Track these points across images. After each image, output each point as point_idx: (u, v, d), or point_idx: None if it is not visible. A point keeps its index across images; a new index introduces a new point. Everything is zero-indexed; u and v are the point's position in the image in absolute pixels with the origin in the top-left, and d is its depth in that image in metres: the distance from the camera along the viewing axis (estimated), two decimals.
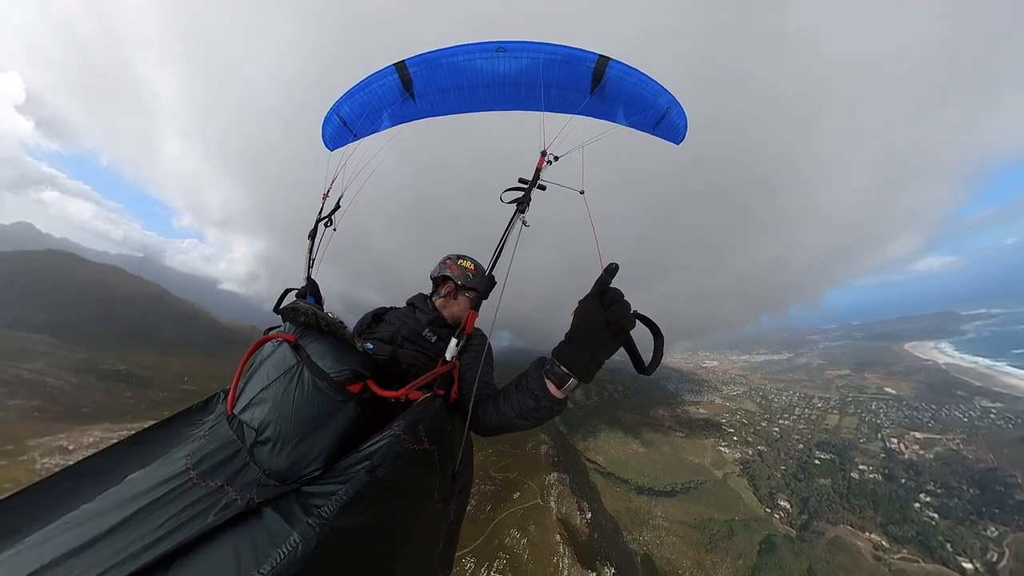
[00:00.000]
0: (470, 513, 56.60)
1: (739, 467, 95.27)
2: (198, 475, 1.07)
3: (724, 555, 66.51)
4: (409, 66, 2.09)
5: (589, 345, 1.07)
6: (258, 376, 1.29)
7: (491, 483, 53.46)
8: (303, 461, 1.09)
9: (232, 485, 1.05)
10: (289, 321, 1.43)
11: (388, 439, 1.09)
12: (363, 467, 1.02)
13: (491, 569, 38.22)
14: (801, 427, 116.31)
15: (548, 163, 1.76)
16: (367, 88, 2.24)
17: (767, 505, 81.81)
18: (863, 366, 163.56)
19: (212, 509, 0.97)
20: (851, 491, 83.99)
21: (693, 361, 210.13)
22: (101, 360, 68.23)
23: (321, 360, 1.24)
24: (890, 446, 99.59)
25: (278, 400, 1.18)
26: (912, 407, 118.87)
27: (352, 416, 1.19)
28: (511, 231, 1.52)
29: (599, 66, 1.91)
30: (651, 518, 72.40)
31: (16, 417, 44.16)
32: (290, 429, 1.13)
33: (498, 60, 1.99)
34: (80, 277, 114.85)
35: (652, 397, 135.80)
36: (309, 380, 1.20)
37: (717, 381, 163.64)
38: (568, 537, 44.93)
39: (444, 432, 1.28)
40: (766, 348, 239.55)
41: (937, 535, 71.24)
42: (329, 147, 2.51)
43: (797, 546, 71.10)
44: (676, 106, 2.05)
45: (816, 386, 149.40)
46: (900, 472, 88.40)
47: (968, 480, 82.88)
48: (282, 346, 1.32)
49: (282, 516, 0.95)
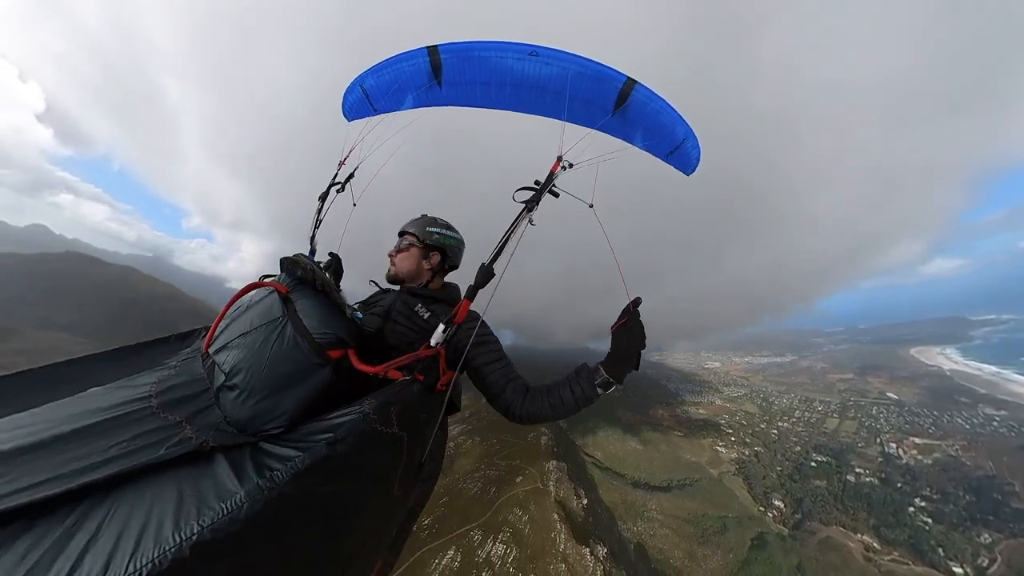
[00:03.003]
0: (477, 493, 59.66)
1: (735, 467, 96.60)
2: (159, 404, 1.04)
3: (715, 548, 68.41)
4: (441, 52, 2.08)
5: (626, 365, 1.41)
6: (241, 320, 1.28)
7: (495, 469, 56.79)
8: (266, 416, 1.07)
9: (191, 423, 1.01)
10: (286, 272, 1.43)
11: (356, 415, 1.05)
12: (325, 438, 0.98)
13: (496, 540, 42.23)
14: (800, 429, 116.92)
15: (563, 168, 1.79)
16: (395, 66, 2.22)
17: (761, 504, 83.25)
18: (867, 370, 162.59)
19: (165, 443, 0.93)
20: (846, 493, 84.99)
21: (695, 362, 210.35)
22: None
23: (307, 318, 1.23)
24: (888, 450, 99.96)
25: (254, 349, 1.16)
26: (914, 412, 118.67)
27: (325, 381, 1.16)
28: (516, 228, 1.54)
29: (626, 87, 1.95)
30: (646, 511, 74.45)
31: None
32: (260, 380, 1.11)
33: (528, 63, 2.02)
34: (98, 278, 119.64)
35: (652, 397, 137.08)
36: (291, 335, 1.18)
37: (718, 382, 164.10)
38: (565, 517, 47.94)
39: (418, 419, 1.26)
40: (769, 350, 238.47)
41: (929, 539, 72.13)
42: (348, 117, 2.50)
43: (788, 544, 72.58)
44: (692, 138, 2.10)
45: (818, 389, 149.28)
46: (896, 476, 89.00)
47: (965, 486, 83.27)
48: (271, 295, 1.30)
49: (232, 468, 0.91)
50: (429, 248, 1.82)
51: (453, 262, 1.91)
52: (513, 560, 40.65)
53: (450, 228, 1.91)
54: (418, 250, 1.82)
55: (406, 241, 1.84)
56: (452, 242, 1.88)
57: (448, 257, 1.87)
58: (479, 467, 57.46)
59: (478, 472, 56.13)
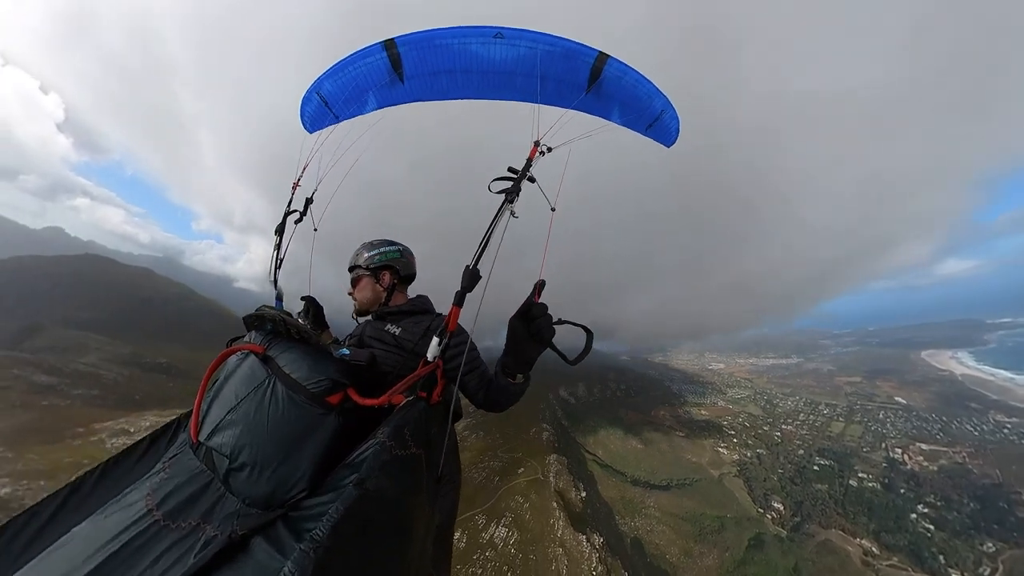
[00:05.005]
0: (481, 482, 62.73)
1: (736, 468, 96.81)
2: (164, 515, 0.96)
3: (712, 547, 69.16)
4: (399, 44, 1.95)
5: (519, 354, 1.34)
6: (224, 395, 1.19)
7: (499, 461, 59.37)
8: (287, 483, 1.01)
9: (208, 522, 0.94)
10: (255, 330, 1.36)
11: (375, 447, 1.01)
12: (352, 480, 0.92)
13: (499, 524, 45.18)
14: (803, 433, 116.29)
15: (541, 154, 1.71)
16: (352, 66, 2.06)
17: (760, 505, 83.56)
18: (875, 374, 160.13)
19: (191, 552, 0.86)
20: (847, 497, 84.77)
21: (699, 363, 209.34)
22: (144, 354, 74.93)
23: (295, 371, 1.16)
24: (893, 456, 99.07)
25: (250, 420, 1.09)
26: (921, 418, 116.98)
27: (334, 429, 1.11)
28: (498, 222, 1.43)
29: (598, 62, 1.86)
30: (644, 508, 75.38)
31: (81, 404, 49.49)
32: (268, 450, 1.04)
33: (495, 46, 1.90)
34: (115, 278, 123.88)
35: (655, 397, 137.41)
36: (284, 394, 1.11)
37: (722, 384, 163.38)
38: (563, 506, 49.85)
39: (429, 434, 1.24)
40: (775, 352, 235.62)
41: (931, 546, 71.75)
42: (308, 129, 2.33)
43: (786, 545, 72.96)
44: (670, 109, 2.04)
45: (824, 392, 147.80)
46: (900, 482, 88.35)
47: (970, 494, 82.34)
48: (249, 359, 1.23)
49: (272, 546, 0.86)
50: (375, 271, 1.87)
51: (406, 272, 1.94)
52: (515, 543, 43.13)
53: (387, 243, 1.94)
54: (368, 278, 1.87)
55: (355, 275, 1.91)
56: (393, 255, 1.90)
57: (397, 271, 1.90)
58: (483, 459, 59.49)
59: (482, 463, 58.18)
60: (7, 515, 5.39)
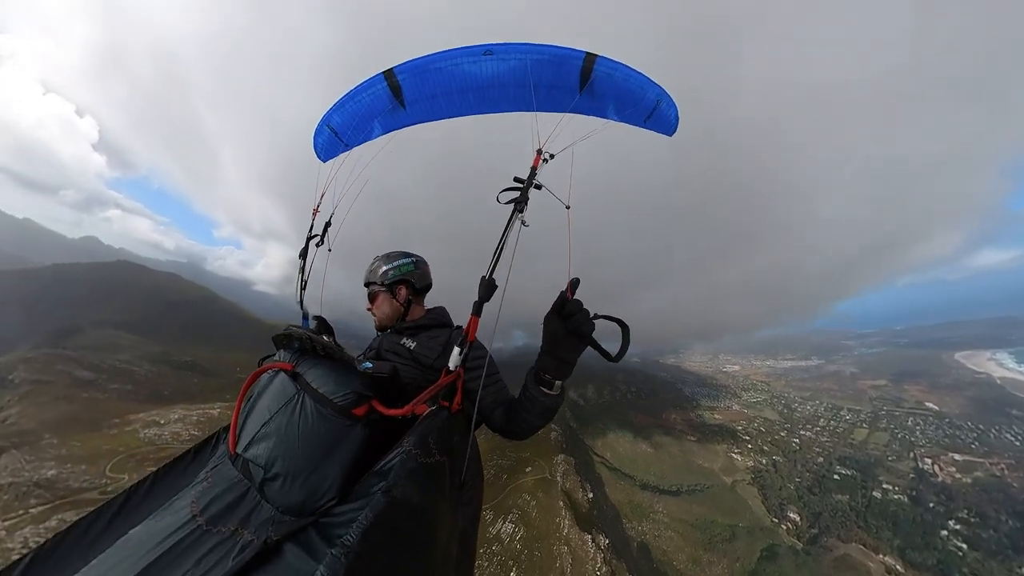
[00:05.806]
0: (489, 479, 63.06)
1: (750, 475, 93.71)
2: (207, 520, 1.05)
3: (722, 556, 67.05)
4: (397, 73, 2.09)
5: (557, 353, 1.26)
6: (258, 410, 1.29)
7: (507, 459, 59.89)
8: (317, 492, 1.09)
9: (246, 527, 1.03)
10: (283, 349, 1.46)
11: (401, 455, 1.08)
12: (380, 488, 0.99)
13: (506, 520, 46.16)
14: (824, 439, 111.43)
15: (544, 161, 1.77)
16: (357, 97, 2.24)
17: (775, 515, 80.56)
18: (903, 377, 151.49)
19: (230, 555, 0.95)
20: (870, 510, 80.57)
21: (713, 365, 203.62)
22: (172, 353, 79.14)
23: (322, 386, 1.24)
24: (922, 466, 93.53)
25: (282, 433, 1.17)
26: (955, 425, 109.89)
27: (361, 440, 1.19)
28: (510, 232, 1.51)
29: (587, 63, 1.92)
30: (652, 512, 73.99)
31: (116, 398, 52.93)
32: (299, 461, 1.12)
33: (486, 63, 2.00)
34: (146, 282, 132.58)
35: (666, 400, 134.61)
36: (312, 408, 1.19)
37: (737, 387, 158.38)
38: (570, 505, 50.07)
39: (452, 442, 1.29)
40: (793, 353, 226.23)
41: (962, 566, 67.22)
42: (322, 158, 2.49)
43: (801, 559, 70.06)
44: (666, 97, 2.04)
45: (846, 397, 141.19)
46: (930, 495, 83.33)
47: (1009, 510, 76.72)
48: (279, 376, 1.32)
49: (304, 551, 0.93)
50: (391, 287, 1.89)
51: (422, 284, 1.95)
52: (521, 539, 43.81)
53: (402, 256, 1.95)
54: (384, 294, 1.89)
55: (371, 290, 1.93)
56: (408, 268, 1.91)
57: (413, 284, 1.91)
58: (491, 457, 60.01)
59: (491, 461, 58.66)
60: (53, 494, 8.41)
